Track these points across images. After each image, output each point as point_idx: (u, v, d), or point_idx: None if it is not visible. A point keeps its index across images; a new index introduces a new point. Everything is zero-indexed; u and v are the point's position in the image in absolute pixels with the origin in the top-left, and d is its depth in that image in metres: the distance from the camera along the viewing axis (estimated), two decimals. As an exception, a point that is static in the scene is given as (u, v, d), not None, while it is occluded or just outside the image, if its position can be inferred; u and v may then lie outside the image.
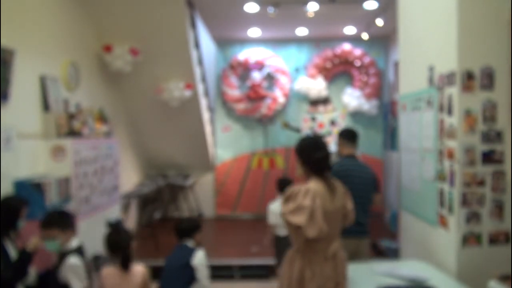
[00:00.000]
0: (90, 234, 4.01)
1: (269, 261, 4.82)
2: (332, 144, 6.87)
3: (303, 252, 2.31)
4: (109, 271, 2.74)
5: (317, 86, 7.01)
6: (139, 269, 2.75)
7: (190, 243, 3.09)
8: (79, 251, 2.77)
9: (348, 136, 3.45)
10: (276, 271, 4.21)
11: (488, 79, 2.73)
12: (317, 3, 5.12)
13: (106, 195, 4.45)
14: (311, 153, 2.38)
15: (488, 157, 2.73)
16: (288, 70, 7.16)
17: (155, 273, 3.62)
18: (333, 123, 7.25)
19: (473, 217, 2.73)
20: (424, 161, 3.22)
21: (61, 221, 2.79)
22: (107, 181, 4.48)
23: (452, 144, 2.79)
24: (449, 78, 2.83)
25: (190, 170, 7.17)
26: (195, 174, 7.25)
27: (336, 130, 7.23)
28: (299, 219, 2.18)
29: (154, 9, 4.81)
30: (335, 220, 2.33)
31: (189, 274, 2.94)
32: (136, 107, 6.06)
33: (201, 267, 2.98)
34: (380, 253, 5.08)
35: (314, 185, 2.29)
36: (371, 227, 3.32)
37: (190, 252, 3.01)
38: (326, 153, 2.39)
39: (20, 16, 3.57)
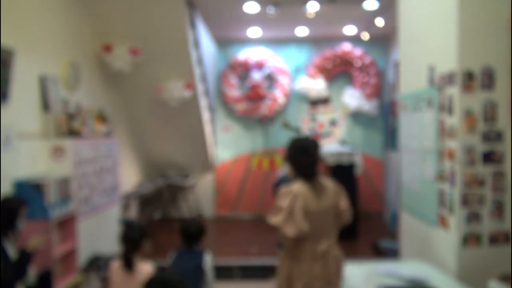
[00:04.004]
0: (90, 235, 4.02)
1: (269, 261, 4.81)
2: (334, 144, 6.89)
3: (292, 252, 2.36)
4: (117, 266, 2.75)
5: (317, 86, 7.01)
6: (146, 268, 2.74)
7: (196, 246, 3.10)
8: None
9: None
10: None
11: (488, 79, 2.73)
12: (317, 3, 5.12)
13: (106, 195, 4.45)
14: (298, 157, 2.40)
15: (489, 157, 2.73)
16: (288, 70, 7.16)
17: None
18: (333, 123, 7.24)
19: (473, 217, 2.72)
20: (425, 161, 3.22)
21: None
22: (107, 181, 4.48)
23: (452, 144, 2.79)
24: (449, 78, 2.82)
25: (190, 170, 7.17)
26: (195, 174, 7.25)
27: (336, 131, 7.24)
28: (276, 219, 2.28)
29: (154, 9, 4.80)
30: (321, 220, 2.35)
31: (200, 277, 2.95)
32: (136, 107, 6.05)
33: (210, 270, 3.02)
34: (380, 253, 5.07)
35: (298, 186, 2.34)
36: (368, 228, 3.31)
37: (199, 255, 3.03)
38: (313, 160, 2.40)
39: (20, 16, 3.56)
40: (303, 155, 2.38)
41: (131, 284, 2.68)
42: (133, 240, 2.77)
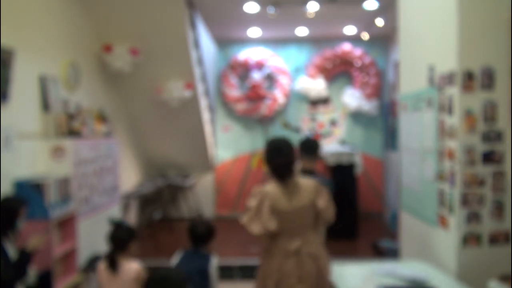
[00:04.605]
0: (90, 235, 4.02)
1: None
2: (334, 144, 6.89)
3: (268, 249, 2.47)
4: (103, 267, 2.74)
5: (317, 86, 7.01)
6: (132, 266, 2.71)
7: (203, 249, 2.97)
8: None
9: (303, 148, 3.21)
10: None
11: (488, 79, 2.73)
12: (317, 3, 5.12)
13: (106, 195, 4.45)
14: (272, 157, 2.48)
15: (488, 157, 2.73)
16: (288, 70, 7.16)
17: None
18: (333, 123, 7.24)
19: (473, 217, 2.72)
20: (425, 161, 3.22)
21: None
22: (107, 181, 4.48)
23: (452, 144, 2.79)
24: (449, 78, 2.82)
25: (190, 170, 7.17)
26: (195, 174, 7.24)
27: (336, 131, 7.24)
28: (244, 219, 2.43)
29: (154, 9, 4.80)
30: (294, 219, 2.42)
31: (204, 281, 2.86)
32: (136, 107, 6.05)
33: (215, 274, 2.91)
34: (380, 253, 5.07)
35: (269, 186, 2.46)
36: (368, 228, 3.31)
37: (206, 258, 2.91)
38: (286, 160, 2.46)
39: (20, 16, 3.57)
40: (277, 156, 2.46)
41: (115, 285, 2.66)
42: (120, 240, 2.75)
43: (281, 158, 2.45)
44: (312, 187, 2.50)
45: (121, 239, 2.76)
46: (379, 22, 5.79)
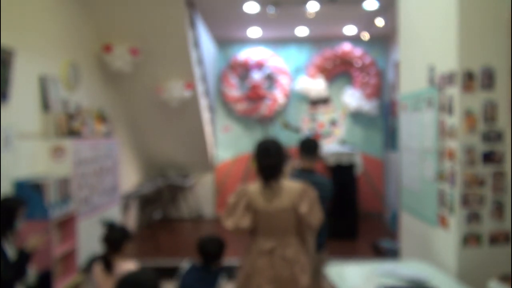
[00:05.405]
0: (90, 235, 4.02)
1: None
2: (334, 144, 6.89)
3: (248, 246, 2.56)
4: (99, 268, 2.74)
5: (317, 86, 7.01)
6: (128, 267, 2.67)
7: (214, 265, 2.90)
8: None
9: (303, 148, 3.20)
10: None
11: (489, 79, 2.72)
12: (317, 3, 5.12)
13: (106, 195, 4.45)
14: (259, 158, 2.51)
15: (489, 158, 2.73)
16: (288, 70, 7.15)
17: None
18: (333, 123, 7.24)
19: (473, 217, 2.72)
20: (425, 161, 3.22)
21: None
22: (107, 181, 4.48)
23: (452, 144, 2.79)
24: (449, 78, 2.82)
25: (190, 170, 7.17)
26: (195, 174, 7.24)
27: (336, 131, 7.24)
28: (223, 214, 2.52)
29: (154, 8, 4.80)
30: (272, 220, 2.44)
31: None
32: (136, 107, 6.06)
33: None
34: (380, 253, 5.07)
35: (252, 186, 2.51)
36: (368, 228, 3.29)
37: (213, 278, 2.84)
38: (273, 162, 2.47)
39: (20, 16, 3.57)
40: (264, 157, 2.48)
41: (109, 286, 2.65)
42: (114, 241, 2.74)
43: (268, 159, 2.46)
44: (297, 190, 2.45)
45: (115, 240, 2.75)
46: (379, 22, 5.79)
